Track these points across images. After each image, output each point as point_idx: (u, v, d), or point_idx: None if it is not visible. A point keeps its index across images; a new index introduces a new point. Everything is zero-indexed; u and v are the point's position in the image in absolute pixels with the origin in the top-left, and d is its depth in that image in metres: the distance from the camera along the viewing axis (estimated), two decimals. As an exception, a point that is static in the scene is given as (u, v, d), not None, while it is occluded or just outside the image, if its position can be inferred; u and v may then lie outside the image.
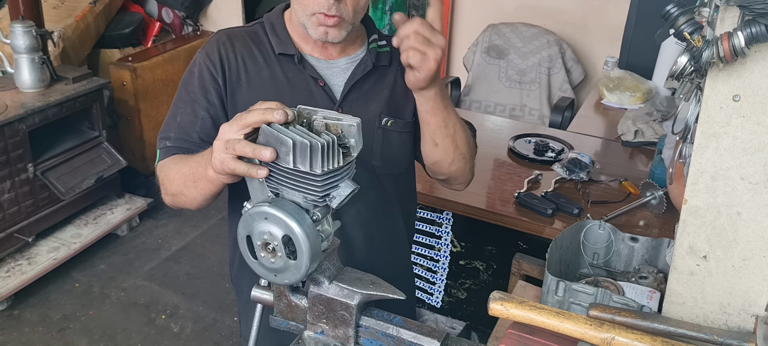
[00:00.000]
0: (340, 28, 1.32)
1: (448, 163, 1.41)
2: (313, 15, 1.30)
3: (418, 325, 1.05)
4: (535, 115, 3.57)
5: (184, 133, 1.35)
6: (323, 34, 1.32)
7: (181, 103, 1.39)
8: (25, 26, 3.06)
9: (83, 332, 2.91)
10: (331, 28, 1.31)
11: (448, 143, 1.36)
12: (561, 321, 1.08)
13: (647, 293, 1.33)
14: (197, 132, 1.35)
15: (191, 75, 1.40)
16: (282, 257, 0.98)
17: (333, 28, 1.31)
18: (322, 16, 1.29)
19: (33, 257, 3.17)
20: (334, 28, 1.32)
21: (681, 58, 0.97)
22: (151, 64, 3.78)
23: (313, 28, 1.32)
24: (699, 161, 1.03)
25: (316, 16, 1.30)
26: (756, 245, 1.04)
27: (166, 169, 1.32)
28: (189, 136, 1.35)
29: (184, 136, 1.35)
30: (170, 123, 1.38)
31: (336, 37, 1.33)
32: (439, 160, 1.40)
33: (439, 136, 1.35)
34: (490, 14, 3.88)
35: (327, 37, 1.33)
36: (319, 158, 0.94)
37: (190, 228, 3.67)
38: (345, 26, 1.33)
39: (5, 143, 2.93)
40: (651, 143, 2.60)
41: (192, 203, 1.29)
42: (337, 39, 1.34)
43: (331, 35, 1.33)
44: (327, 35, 1.32)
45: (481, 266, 2.47)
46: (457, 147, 1.38)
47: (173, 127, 1.37)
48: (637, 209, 2.11)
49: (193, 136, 1.35)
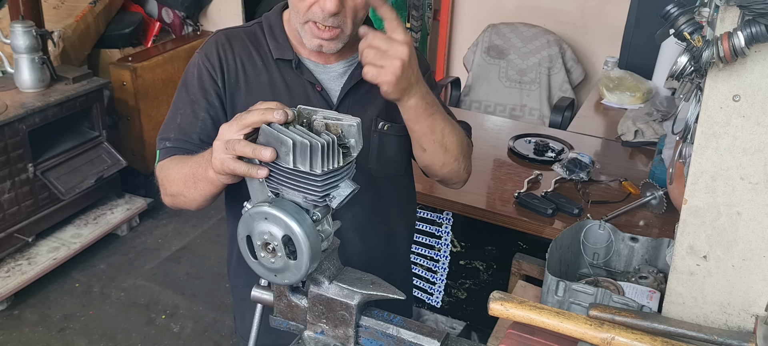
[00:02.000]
0: (338, 40, 1.30)
1: (439, 167, 1.40)
2: (306, 23, 1.28)
3: (418, 325, 1.05)
4: (535, 115, 3.57)
5: (185, 135, 1.35)
6: (318, 46, 1.30)
7: (180, 104, 1.38)
8: (25, 26, 3.06)
9: (83, 332, 2.91)
10: (326, 40, 1.29)
11: (437, 148, 1.35)
12: (561, 321, 1.08)
13: (647, 293, 1.33)
14: (197, 133, 1.35)
15: (190, 76, 1.39)
16: (282, 257, 0.98)
17: (328, 40, 1.29)
18: (315, 27, 1.27)
19: (33, 257, 3.17)
20: (330, 41, 1.29)
21: (681, 58, 0.97)
22: (151, 64, 3.78)
23: (308, 38, 1.30)
24: (699, 161, 1.03)
25: (309, 24, 1.27)
26: (756, 245, 1.04)
27: (166, 170, 1.32)
28: (189, 138, 1.35)
29: (185, 137, 1.35)
30: (170, 124, 1.38)
31: (331, 49, 1.31)
32: (429, 164, 1.40)
33: (426, 142, 1.34)
34: (490, 14, 3.88)
35: (322, 49, 1.31)
36: (319, 158, 0.94)
37: (190, 228, 3.67)
38: (342, 39, 1.30)
39: (5, 143, 2.93)
40: (651, 143, 2.60)
41: (192, 203, 1.29)
42: (333, 50, 1.32)
43: (326, 47, 1.30)
44: (322, 47, 1.30)
45: (481, 266, 2.47)
46: (447, 151, 1.36)
47: (173, 128, 1.36)
48: (637, 209, 2.11)
49: (194, 138, 1.34)
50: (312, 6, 1.25)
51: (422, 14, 3.97)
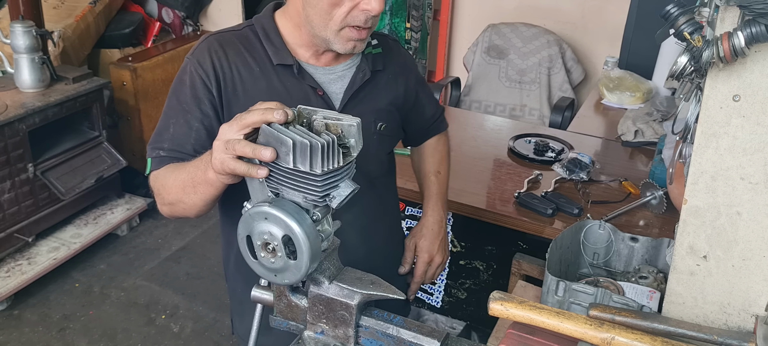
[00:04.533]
0: (365, 39, 1.32)
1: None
2: (343, 29, 1.28)
3: (418, 325, 1.05)
4: (535, 115, 3.57)
5: (178, 146, 1.31)
6: (352, 49, 1.31)
7: (173, 113, 1.33)
8: (25, 26, 3.06)
9: (83, 332, 2.91)
10: (359, 41, 1.30)
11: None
12: (561, 321, 1.08)
13: (647, 293, 1.33)
14: (192, 144, 1.31)
15: (182, 84, 1.34)
16: (282, 257, 0.98)
17: (361, 41, 1.31)
18: (353, 30, 1.27)
19: (33, 257, 3.17)
20: (362, 41, 1.31)
21: (681, 58, 0.97)
22: (151, 64, 3.78)
23: (342, 42, 1.30)
24: (699, 161, 1.03)
25: (346, 29, 1.28)
26: (756, 245, 1.04)
27: (162, 179, 1.29)
28: (183, 148, 1.31)
29: (178, 148, 1.31)
30: (163, 133, 1.33)
31: (361, 48, 1.33)
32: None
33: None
34: (490, 14, 3.88)
35: (355, 50, 1.32)
36: (319, 158, 0.94)
37: (190, 228, 3.67)
38: (369, 34, 1.32)
39: (5, 143, 2.93)
40: (651, 143, 2.60)
41: (191, 209, 1.26)
42: (362, 49, 1.34)
43: (358, 47, 1.32)
44: (355, 48, 1.31)
45: (481, 266, 2.47)
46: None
47: (167, 139, 1.32)
48: (637, 209, 2.11)
49: (188, 149, 1.31)
50: (352, 10, 1.25)
51: (422, 14, 3.97)
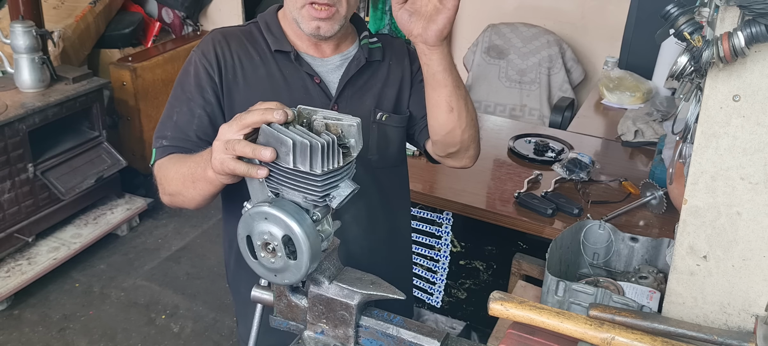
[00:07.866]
0: (334, 22, 1.33)
1: (462, 130, 1.36)
2: (303, 7, 1.31)
3: (418, 325, 1.05)
4: (535, 115, 3.57)
5: (181, 133, 1.35)
6: (315, 29, 1.33)
7: (176, 102, 1.38)
8: (25, 26, 3.06)
9: (83, 332, 2.91)
10: (323, 21, 1.32)
11: (462, 106, 1.32)
12: (561, 321, 1.08)
13: (647, 293, 1.33)
14: (194, 130, 1.35)
15: (187, 74, 1.39)
16: (282, 257, 0.97)
17: (325, 21, 1.32)
18: (312, 9, 1.30)
19: (33, 257, 3.17)
20: (327, 22, 1.32)
21: (681, 58, 0.97)
22: (151, 64, 3.78)
23: (306, 22, 1.33)
24: (699, 161, 1.03)
25: (306, 8, 1.31)
26: (756, 245, 1.04)
27: (164, 169, 1.32)
28: (186, 135, 1.35)
29: (181, 135, 1.35)
30: (166, 122, 1.37)
31: (328, 31, 1.34)
32: (454, 127, 1.35)
33: (455, 99, 1.30)
34: (490, 14, 3.88)
35: (319, 31, 1.33)
36: (319, 158, 0.94)
37: (190, 228, 3.67)
38: (338, 20, 1.33)
39: (5, 143, 2.93)
40: (651, 143, 2.60)
41: (190, 203, 1.29)
42: (330, 33, 1.34)
43: (323, 29, 1.33)
44: (319, 30, 1.33)
45: (481, 266, 2.47)
46: (469, 111, 1.34)
47: (170, 127, 1.36)
48: (637, 209, 2.11)
49: (191, 135, 1.34)
50: None
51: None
